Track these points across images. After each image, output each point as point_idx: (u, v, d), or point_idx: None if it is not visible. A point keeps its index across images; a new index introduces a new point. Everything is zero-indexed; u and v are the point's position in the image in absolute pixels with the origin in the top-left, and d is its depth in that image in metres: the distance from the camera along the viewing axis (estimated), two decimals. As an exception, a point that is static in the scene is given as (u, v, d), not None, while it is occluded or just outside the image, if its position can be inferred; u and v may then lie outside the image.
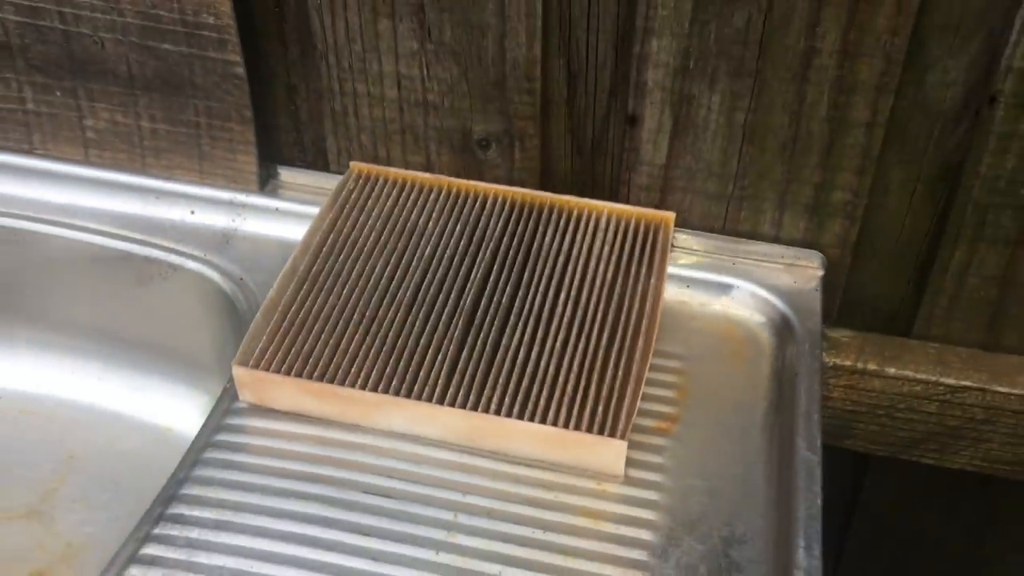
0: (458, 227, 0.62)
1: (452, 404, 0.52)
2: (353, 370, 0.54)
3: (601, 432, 0.51)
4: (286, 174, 0.68)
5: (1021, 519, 0.73)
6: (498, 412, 0.52)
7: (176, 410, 0.68)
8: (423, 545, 0.48)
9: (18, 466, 0.66)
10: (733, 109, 0.58)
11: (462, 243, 0.61)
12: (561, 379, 0.54)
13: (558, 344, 0.55)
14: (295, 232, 0.64)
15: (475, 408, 0.52)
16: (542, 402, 0.52)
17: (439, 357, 0.54)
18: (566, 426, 0.51)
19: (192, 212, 0.67)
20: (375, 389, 0.53)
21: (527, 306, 0.57)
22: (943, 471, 0.68)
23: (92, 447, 0.67)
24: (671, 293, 0.62)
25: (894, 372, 0.63)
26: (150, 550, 0.47)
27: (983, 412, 0.63)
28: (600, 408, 0.52)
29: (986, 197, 0.58)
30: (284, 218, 0.66)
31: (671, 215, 0.62)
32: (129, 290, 0.65)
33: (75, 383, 0.69)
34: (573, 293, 0.58)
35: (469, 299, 0.58)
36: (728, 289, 0.62)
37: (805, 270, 0.63)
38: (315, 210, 0.63)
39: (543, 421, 0.52)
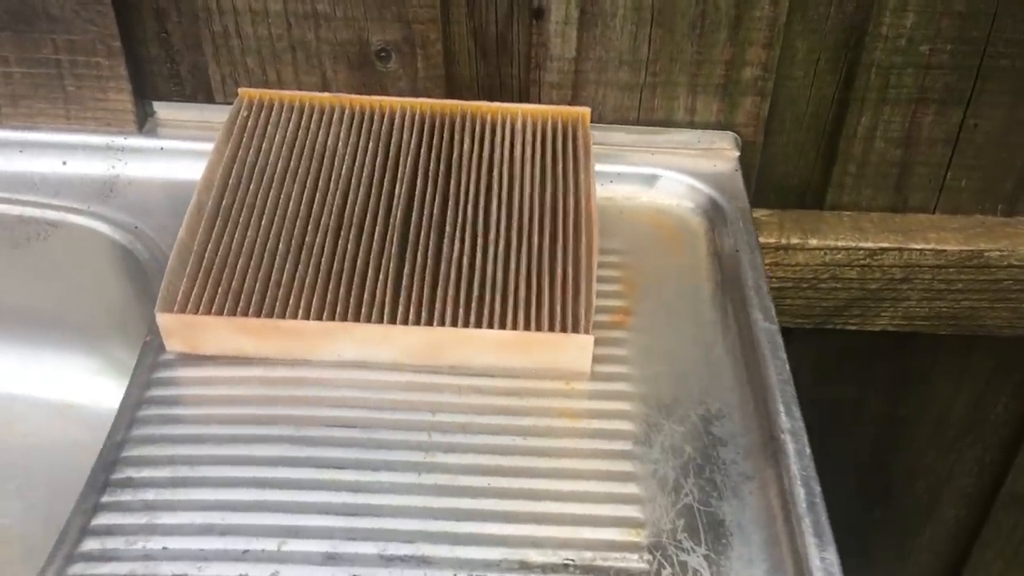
0: (371, 145, 0.58)
1: (405, 322, 0.49)
2: (292, 302, 0.49)
3: (564, 330, 0.50)
4: (164, 111, 0.62)
5: (928, 376, 0.76)
6: (454, 323, 0.49)
7: (76, 382, 0.61)
8: (402, 470, 0.45)
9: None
10: (641, -9, 0.57)
11: (378, 160, 0.57)
12: (512, 283, 0.51)
13: (500, 249, 0.53)
14: (184, 172, 0.60)
15: (429, 323, 0.49)
16: (497, 308, 0.50)
17: (380, 277, 0.51)
18: (527, 328, 0.49)
19: (64, 163, 0.60)
20: (319, 317, 0.49)
21: (460, 216, 0.55)
22: (857, 337, 0.71)
23: (-14, 435, 0.60)
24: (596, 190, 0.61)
25: (816, 243, 0.64)
26: (103, 520, 0.42)
27: (901, 271, 0.65)
28: (558, 307, 0.50)
29: (888, 58, 0.59)
30: (170, 157, 0.60)
31: (586, 110, 0.60)
32: (5, 256, 0.58)
33: (-44, 367, 0.62)
34: (504, 198, 0.56)
35: (399, 216, 0.54)
36: (652, 180, 0.61)
37: (722, 152, 0.63)
38: (203, 146, 0.58)
39: (502, 327, 0.49)
